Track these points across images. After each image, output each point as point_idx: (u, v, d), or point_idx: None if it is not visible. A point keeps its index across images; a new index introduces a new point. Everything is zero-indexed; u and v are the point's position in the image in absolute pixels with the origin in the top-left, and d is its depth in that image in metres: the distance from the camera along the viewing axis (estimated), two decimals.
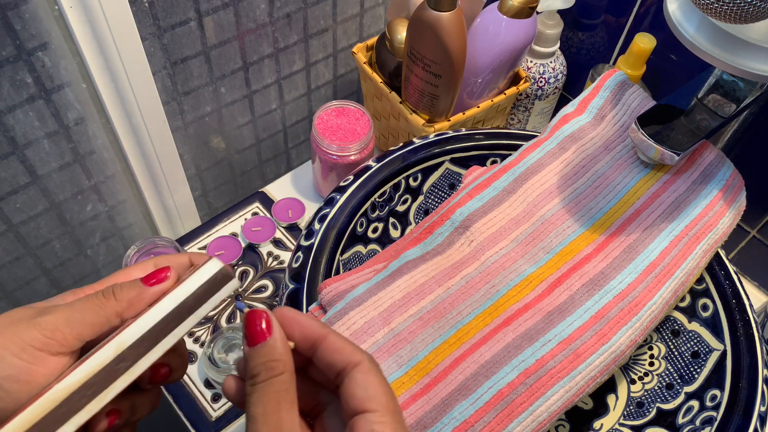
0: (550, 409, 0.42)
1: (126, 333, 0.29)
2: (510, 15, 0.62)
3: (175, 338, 0.30)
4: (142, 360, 0.29)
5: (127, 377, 0.28)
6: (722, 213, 0.51)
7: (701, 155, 0.53)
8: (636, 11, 0.66)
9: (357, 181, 0.54)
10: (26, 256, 0.69)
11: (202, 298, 0.30)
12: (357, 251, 0.54)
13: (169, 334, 0.29)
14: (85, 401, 0.27)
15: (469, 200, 0.52)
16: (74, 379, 0.27)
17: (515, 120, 0.78)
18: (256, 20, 0.69)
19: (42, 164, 0.63)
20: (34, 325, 0.28)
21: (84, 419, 0.27)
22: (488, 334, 0.45)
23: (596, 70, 0.69)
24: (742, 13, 0.39)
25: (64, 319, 0.29)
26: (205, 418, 0.61)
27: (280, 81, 0.78)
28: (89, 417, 0.27)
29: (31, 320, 0.28)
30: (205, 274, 0.31)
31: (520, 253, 0.50)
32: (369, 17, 0.81)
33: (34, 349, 0.27)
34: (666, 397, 0.50)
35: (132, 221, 0.77)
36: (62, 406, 0.27)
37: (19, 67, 0.55)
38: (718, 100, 0.51)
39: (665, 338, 0.52)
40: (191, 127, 0.73)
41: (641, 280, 0.47)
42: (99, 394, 0.28)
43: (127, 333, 0.29)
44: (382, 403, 0.28)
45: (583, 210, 0.52)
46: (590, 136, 0.54)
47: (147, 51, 0.62)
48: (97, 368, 0.28)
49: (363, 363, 0.28)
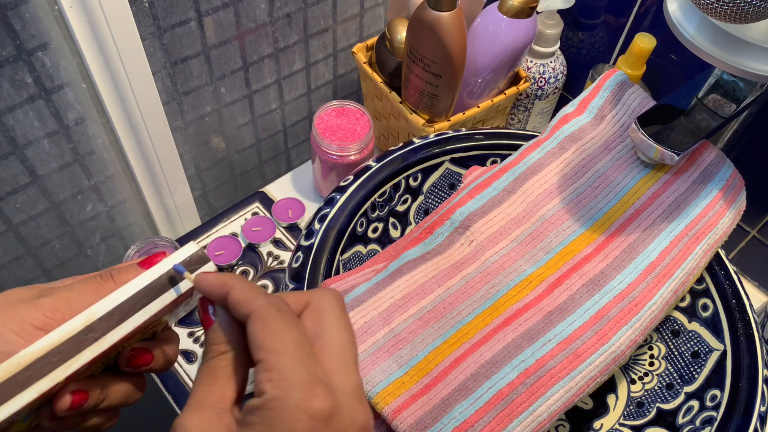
0: (550, 409, 0.42)
1: (98, 305, 0.29)
2: (510, 15, 0.62)
3: (147, 315, 0.29)
4: (111, 333, 0.28)
5: (94, 348, 0.28)
6: (722, 213, 0.51)
7: (701, 155, 0.53)
8: (636, 11, 0.66)
9: (357, 181, 0.54)
10: (26, 256, 0.69)
11: (177, 278, 0.30)
12: (357, 251, 0.54)
13: (140, 310, 0.29)
14: (49, 368, 0.27)
15: (469, 200, 0.52)
16: (40, 346, 0.27)
17: (515, 120, 0.78)
18: (256, 20, 0.69)
19: (42, 164, 0.63)
20: (35, 305, 0.28)
21: (46, 387, 0.27)
22: (488, 334, 0.45)
23: (596, 70, 0.69)
24: (742, 13, 0.39)
25: (63, 300, 0.29)
26: None
27: (280, 81, 0.78)
28: (52, 385, 0.27)
29: (32, 300, 0.29)
30: (181, 256, 0.31)
31: (520, 253, 0.50)
32: (369, 17, 0.81)
33: (33, 327, 0.28)
34: (666, 397, 0.50)
35: (132, 221, 0.77)
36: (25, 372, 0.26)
37: (19, 67, 0.55)
38: (718, 100, 0.51)
39: (665, 338, 0.52)
40: (191, 127, 0.73)
41: (641, 280, 0.47)
42: (64, 362, 0.27)
43: (99, 305, 0.29)
44: (267, 350, 0.26)
45: (583, 210, 0.52)
46: (590, 136, 0.54)
47: (147, 51, 0.62)
48: (64, 337, 0.27)
49: (253, 313, 0.27)
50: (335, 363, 0.28)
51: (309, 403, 0.25)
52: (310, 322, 0.29)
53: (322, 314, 0.29)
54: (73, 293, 0.30)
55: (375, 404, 0.41)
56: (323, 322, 0.29)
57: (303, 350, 0.27)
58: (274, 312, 0.27)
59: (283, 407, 0.25)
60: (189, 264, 0.31)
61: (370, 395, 0.42)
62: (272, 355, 0.26)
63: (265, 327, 0.27)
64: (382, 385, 0.42)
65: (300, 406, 0.25)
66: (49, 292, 0.29)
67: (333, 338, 0.29)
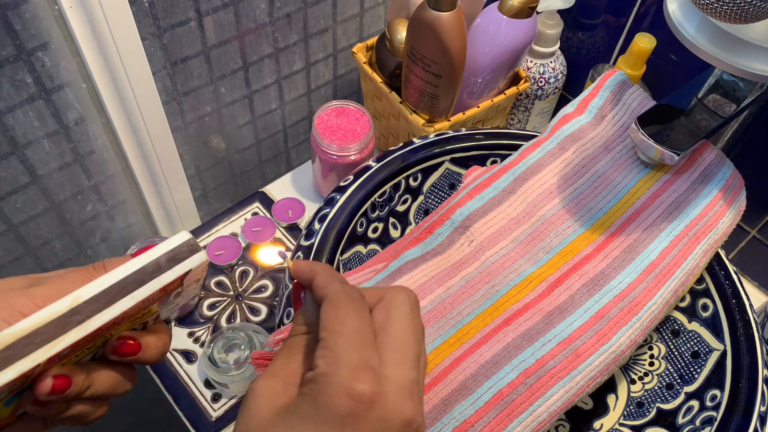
0: (550, 409, 0.42)
1: (85, 288, 0.28)
2: (510, 15, 0.62)
3: (134, 300, 0.29)
4: (96, 316, 0.28)
5: (79, 331, 0.28)
6: (722, 213, 0.51)
7: (701, 155, 0.53)
8: (636, 11, 0.66)
9: (357, 181, 0.54)
10: (26, 256, 0.69)
11: (166, 266, 0.30)
12: (357, 251, 0.54)
13: (128, 295, 0.29)
14: (31, 348, 0.26)
15: (469, 200, 0.52)
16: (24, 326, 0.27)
17: (515, 120, 0.78)
18: (256, 20, 0.69)
19: (42, 164, 0.63)
20: (26, 293, 0.28)
21: (27, 367, 0.26)
22: (488, 334, 0.45)
23: (596, 70, 0.69)
24: (742, 13, 0.39)
25: (55, 289, 0.29)
26: (205, 418, 0.61)
27: (280, 81, 0.78)
28: (33, 366, 0.26)
29: (24, 289, 0.29)
30: (172, 243, 0.31)
31: (520, 253, 0.50)
32: (369, 17, 0.81)
33: (23, 316, 0.28)
34: (666, 397, 0.50)
35: (132, 221, 0.77)
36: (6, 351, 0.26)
37: (19, 67, 0.55)
38: (718, 100, 0.51)
39: (665, 338, 0.52)
40: (191, 127, 0.73)
41: (641, 280, 0.47)
42: (47, 343, 0.27)
43: (86, 288, 0.28)
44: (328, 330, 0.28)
45: (583, 210, 0.52)
46: (590, 136, 0.54)
47: (147, 51, 0.62)
48: (49, 318, 0.27)
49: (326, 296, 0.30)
50: (393, 355, 0.29)
51: (351, 383, 0.26)
52: (380, 315, 0.31)
53: (392, 309, 0.31)
54: (64, 282, 0.30)
55: None
56: (391, 317, 0.31)
57: (361, 337, 0.28)
58: (345, 298, 0.30)
59: (328, 383, 0.27)
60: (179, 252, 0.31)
61: None
62: (331, 336, 0.28)
63: (332, 310, 0.29)
64: None
65: (343, 385, 0.26)
66: (41, 282, 0.30)
67: (396, 332, 0.30)
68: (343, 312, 0.29)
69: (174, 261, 0.31)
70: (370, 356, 0.28)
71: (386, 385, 0.28)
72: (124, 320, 0.30)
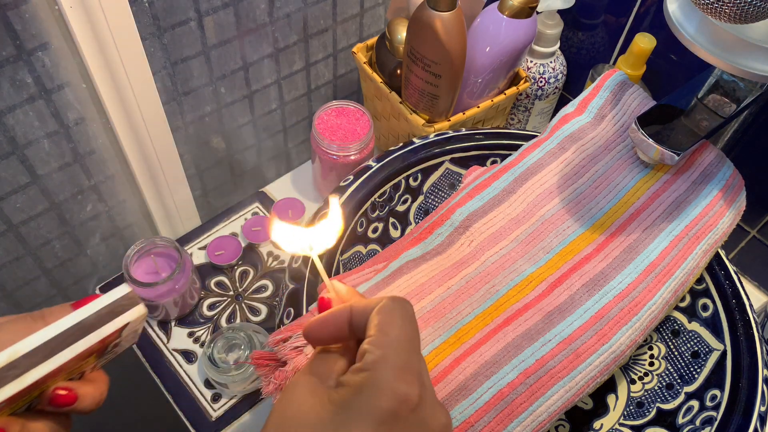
0: (550, 409, 0.42)
1: (23, 342, 0.28)
2: (510, 15, 0.62)
3: (72, 353, 0.29)
4: (34, 369, 0.28)
5: (15, 385, 0.28)
6: (722, 213, 0.51)
7: (701, 155, 0.53)
8: (636, 11, 0.66)
9: (357, 181, 0.54)
10: (26, 256, 0.69)
11: (105, 319, 0.31)
12: (357, 251, 0.54)
13: (66, 348, 0.29)
14: None
15: (469, 200, 0.52)
16: None
17: (515, 120, 0.78)
18: (256, 20, 0.69)
19: (42, 164, 0.63)
20: None
21: None
22: (488, 334, 0.45)
23: (596, 70, 0.69)
24: (742, 13, 0.39)
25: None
26: (205, 418, 0.61)
27: (280, 81, 0.78)
28: None
29: None
30: (112, 297, 0.31)
31: (520, 253, 0.50)
32: (369, 17, 0.81)
33: None
34: (666, 397, 0.50)
35: (132, 221, 0.77)
36: None
37: (19, 67, 0.55)
38: (718, 100, 0.51)
39: (665, 338, 0.52)
40: (191, 127, 0.73)
41: (641, 280, 0.47)
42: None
43: (24, 342, 0.28)
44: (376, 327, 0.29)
45: (583, 210, 0.52)
46: (590, 136, 0.54)
47: (147, 51, 0.62)
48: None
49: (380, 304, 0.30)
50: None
51: (398, 383, 0.27)
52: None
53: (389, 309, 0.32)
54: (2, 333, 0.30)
55: None
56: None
57: (412, 344, 0.29)
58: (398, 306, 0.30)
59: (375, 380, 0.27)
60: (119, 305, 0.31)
61: None
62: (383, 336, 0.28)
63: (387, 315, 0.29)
64: None
65: (391, 384, 0.27)
66: None
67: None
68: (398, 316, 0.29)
69: (113, 314, 0.31)
70: (419, 363, 0.29)
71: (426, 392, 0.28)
72: (61, 372, 0.30)
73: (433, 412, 0.28)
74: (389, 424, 0.26)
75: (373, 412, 0.26)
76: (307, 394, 0.29)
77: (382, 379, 0.27)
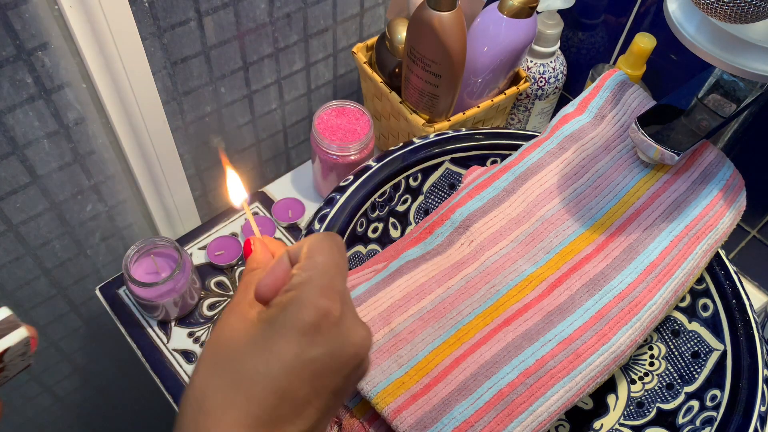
0: (550, 409, 0.42)
1: None
2: (510, 15, 0.62)
3: None
4: None
5: None
6: (722, 213, 0.51)
7: (701, 155, 0.53)
8: (636, 11, 0.66)
9: (357, 181, 0.54)
10: (26, 256, 0.69)
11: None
12: (357, 251, 0.54)
13: None
14: None
15: (469, 200, 0.52)
16: None
17: (515, 120, 0.78)
18: (256, 20, 0.69)
19: (42, 164, 0.63)
20: None
21: None
22: (488, 334, 0.45)
23: (596, 70, 0.68)
24: (742, 13, 0.39)
25: None
26: None
27: (280, 81, 0.78)
28: None
29: None
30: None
31: (520, 253, 0.50)
32: (369, 17, 0.81)
33: None
34: (666, 397, 0.50)
35: (132, 221, 0.77)
36: None
37: (19, 67, 0.55)
38: (718, 100, 0.51)
39: (665, 338, 0.52)
40: (191, 127, 0.73)
41: (641, 280, 0.47)
42: None
43: None
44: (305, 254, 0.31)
45: (583, 210, 0.52)
46: (590, 136, 0.54)
47: (147, 51, 0.62)
48: None
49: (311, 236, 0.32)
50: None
51: (320, 299, 0.29)
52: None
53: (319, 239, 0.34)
54: None
55: (375, 404, 0.41)
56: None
57: (338, 269, 0.31)
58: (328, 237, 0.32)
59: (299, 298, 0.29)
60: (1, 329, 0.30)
61: (370, 395, 0.42)
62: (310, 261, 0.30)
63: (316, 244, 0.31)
64: (382, 385, 0.42)
65: (313, 300, 0.29)
66: None
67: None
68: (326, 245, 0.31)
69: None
70: (341, 283, 0.31)
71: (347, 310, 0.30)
72: None
73: (354, 325, 0.30)
74: (311, 335, 0.28)
75: (297, 324, 0.28)
76: (238, 320, 0.30)
77: (305, 297, 0.29)
